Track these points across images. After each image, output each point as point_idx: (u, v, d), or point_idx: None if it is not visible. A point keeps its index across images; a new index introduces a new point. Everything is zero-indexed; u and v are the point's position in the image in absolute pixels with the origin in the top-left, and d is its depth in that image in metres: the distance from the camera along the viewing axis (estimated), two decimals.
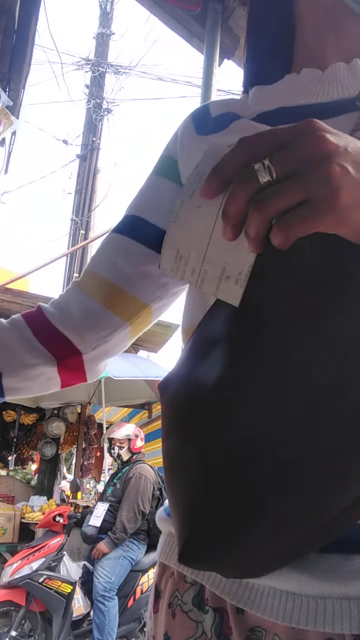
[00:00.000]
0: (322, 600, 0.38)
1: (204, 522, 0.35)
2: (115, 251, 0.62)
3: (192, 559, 0.36)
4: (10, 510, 4.62)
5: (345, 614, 0.37)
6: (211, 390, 0.38)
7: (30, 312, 0.63)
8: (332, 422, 0.33)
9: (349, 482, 0.33)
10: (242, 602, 0.42)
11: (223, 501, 0.35)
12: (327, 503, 0.33)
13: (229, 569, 0.38)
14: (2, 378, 0.59)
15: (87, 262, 0.97)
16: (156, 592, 0.52)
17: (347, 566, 0.38)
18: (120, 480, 3.45)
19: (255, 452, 0.35)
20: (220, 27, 2.43)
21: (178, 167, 0.60)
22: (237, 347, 0.39)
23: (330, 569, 0.38)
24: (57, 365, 0.61)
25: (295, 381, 0.35)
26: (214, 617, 0.45)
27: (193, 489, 0.36)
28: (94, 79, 8.26)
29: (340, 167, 0.31)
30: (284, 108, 0.54)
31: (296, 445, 0.33)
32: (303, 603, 0.39)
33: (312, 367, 0.34)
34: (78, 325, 0.61)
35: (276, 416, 0.35)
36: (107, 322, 0.61)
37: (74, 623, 3.11)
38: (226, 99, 0.61)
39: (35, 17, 3.04)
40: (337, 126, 0.48)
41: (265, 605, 0.40)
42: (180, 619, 0.47)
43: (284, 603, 0.39)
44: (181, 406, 0.41)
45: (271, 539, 0.34)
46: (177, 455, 0.40)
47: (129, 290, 0.61)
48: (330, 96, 0.52)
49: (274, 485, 0.34)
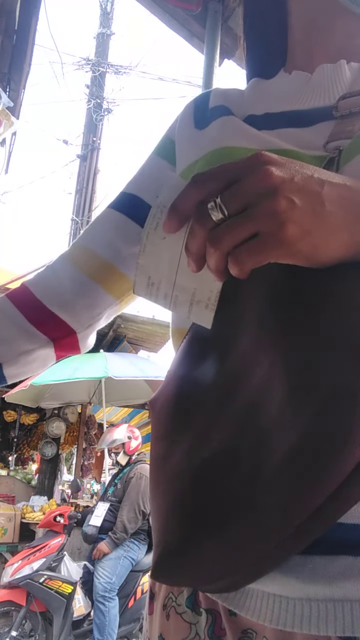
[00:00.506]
0: (308, 602, 0.38)
1: (175, 540, 0.36)
2: (112, 228, 0.61)
3: (163, 577, 0.38)
4: (11, 510, 4.62)
5: (331, 616, 0.37)
6: (193, 406, 0.40)
7: (15, 291, 0.62)
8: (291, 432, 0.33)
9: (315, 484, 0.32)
10: (232, 604, 0.42)
11: (192, 520, 0.35)
12: (294, 512, 0.32)
13: (204, 585, 0.39)
14: (3, 368, 0.59)
15: None
16: (151, 594, 0.53)
17: (331, 567, 0.38)
18: (121, 481, 3.45)
19: (224, 469, 0.35)
20: (220, 27, 2.43)
21: (175, 150, 0.61)
22: (218, 362, 0.40)
23: (315, 570, 0.38)
24: (54, 346, 0.61)
25: (252, 402, 0.36)
26: (207, 618, 0.46)
27: (169, 506, 0.37)
28: (94, 78, 8.26)
29: (286, 199, 0.32)
30: (269, 114, 0.55)
31: (260, 458, 0.34)
32: (289, 605, 0.39)
33: (272, 383, 0.35)
34: (71, 304, 0.60)
35: (241, 431, 0.35)
36: (100, 300, 0.61)
37: (74, 623, 3.11)
38: (228, 88, 0.61)
39: (36, 17, 3.04)
40: (314, 135, 0.49)
41: (254, 608, 0.40)
42: (175, 620, 0.47)
43: (271, 605, 0.39)
44: (165, 420, 0.42)
45: (240, 554, 0.34)
46: (159, 469, 0.41)
47: (122, 268, 0.61)
48: (313, 102, 0.53)
49: (241, 499, 0.34)
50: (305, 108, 0.53)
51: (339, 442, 0.31)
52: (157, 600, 0.51)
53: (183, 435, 0.40)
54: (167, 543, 0.36)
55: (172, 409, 0.42)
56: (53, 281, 0.62)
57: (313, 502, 0.31)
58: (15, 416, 5.86)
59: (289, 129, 0.51)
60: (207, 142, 0.54)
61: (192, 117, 0.60)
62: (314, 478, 0.31)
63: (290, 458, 0.32)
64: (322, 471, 0.31)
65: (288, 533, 0.32)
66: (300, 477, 0.31)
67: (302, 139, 0.49)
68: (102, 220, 0.63)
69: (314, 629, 0.37)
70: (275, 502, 0.32)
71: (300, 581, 0.38)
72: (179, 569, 0.36)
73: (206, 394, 0.40)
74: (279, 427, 0.33)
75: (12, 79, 3.38)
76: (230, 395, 0.38)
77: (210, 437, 0.37)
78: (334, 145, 0.46)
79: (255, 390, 0.36)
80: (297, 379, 0.34)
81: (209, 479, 0.36)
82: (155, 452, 0.42)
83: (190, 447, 0.38)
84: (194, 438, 0.38)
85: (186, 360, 0.44)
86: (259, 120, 0.54)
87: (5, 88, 3.30)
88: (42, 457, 5.46)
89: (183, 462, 0.38)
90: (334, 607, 0.37)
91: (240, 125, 0.54)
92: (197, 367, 0.42)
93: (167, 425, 0.42)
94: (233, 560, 0.34)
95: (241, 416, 0.36)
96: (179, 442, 0.39)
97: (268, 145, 0.49)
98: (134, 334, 5.60)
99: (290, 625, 0.38)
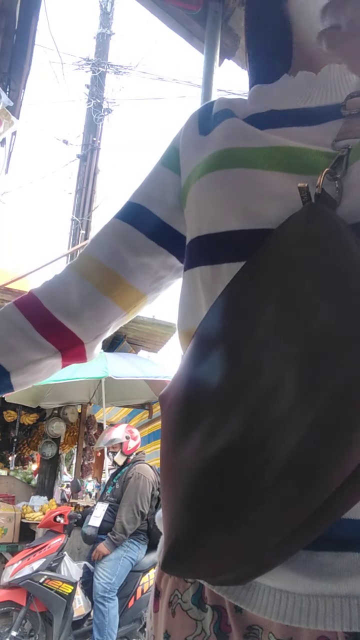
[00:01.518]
0: (315, 598, 0.38)
1: (186, 532, 0.36)
2: (119, 239, 0.61)
3: (173, 568, 0.38)
4: (11, 510, 4.62)
5: (337, 612, 0.37)
6: (203, 400, 0.40)
7: (23, 300, 0.62)
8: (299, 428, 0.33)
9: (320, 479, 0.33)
10: (238, 600, 0.42)
11: (203, 511, 0.36)
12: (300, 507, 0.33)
13: (212, 577, 0.39)
14: (11, 377, 0.60)
15: None
16: (156, 591, 0.52)
17: (337, 563, 0.38)
18: (120, 481, 3.44)
19: (235, 461, 0.35)
20: (221, 27, 2.43)
21: (179, 159, 0.60)
22: (228, 358, 0.40)
23: (322, 566, 0.39)
24: (62, 356, 0.62)
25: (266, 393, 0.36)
26: (213, 615, 0.46)
27: (179, 498, 0.37)
28: (94, 78, 8.25)
29: None
30: (273, 111, 0.54)
31: (270, 452, 0.34)
32: (296, 601, 0.39)
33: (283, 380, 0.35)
34: (79, 315, 0.61)
35: (252, 425, 0.36)
36: (108, 311, 0.61)
37: (74, 623, 3.11)
38: (233, 98, 0.61)
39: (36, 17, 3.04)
40: (322, 134, 0.48)
41: (260, 603, 0.41)
42: (180, 617, 0.47)
43: (278, 601, 0.40)
44: (176, 414, 0.42)
45: (249, 547, 0.34)
46: (169, 462, 0.41)
47: (129, 279, 0.61)
48: (320, 101, 0.53)
49: (250, 492, 0.34)
50: (312, 106, 0.53)
51: (347, 436, 0.31)
52: (162, 597, 0.51)
53: (193, 430, 0.40)
54: (177, 535, 0.36)
55: (183, 404, 0.42)
56: (61, 291, 0.62)
57: (321, 496, 0.31)
58: (15, 416, 5.86)
59: (295, 127, 0.51)
60: (210, 145, 0.54)
61: (196, 125, 0.60)
62: (323, 471, 0.31)
63: (299, 452, 0.32)
64: (330, 464, 0.31)
65: (296, 526, 0.32)
66: (309, 471, 0.32)
67: (310, 137, 0.49)
68: (108, 231, 0.63)
69: (321, 625, 0.38)
70: (283, 495, 0.33)
71: (308, 577, 0.39)
72: (188, 561, 0.37)
73: (216, 390, 0.40)
74: (289, 422, 0.34)
75: (12, 79, 3.38)
76: (241, 390, 0.38)
77: (220, 431, 0.37)
78: (342, 144, 0.46)
79: (265, 386, 0.36)
80: (306, 376, 0.34)
81: (219, 472, 0.36)
82: (165, 445, 0.43)
83: (200, 441, 0.38)
84: (204, 432, 0.38)
85: (196, 357, 0.44)
86: (263, 118, 0.54)
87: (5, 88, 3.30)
88: (42, 457, 5.46)
89: (193, 456, 0.38)
90: (341, 603, 0.38)
91: (243, 126, 0.53)
92: (207, 363, 0.42)
93: (177, 419, 0.42)
94: (242, 553, 0.35)
95: (251, 411, 0.36)
96: (189, 436, 0.40)
97: (272, 144, 0.49)
98: (134, 334, 5.60)
99: (297, 620, 0.39)
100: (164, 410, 0.45)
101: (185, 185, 0.57)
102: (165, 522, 0.38)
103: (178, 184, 0.59)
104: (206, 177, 0.51)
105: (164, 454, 0.43)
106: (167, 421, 0.44)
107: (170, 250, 0.61)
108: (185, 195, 0.57)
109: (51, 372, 0.64)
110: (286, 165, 0.47)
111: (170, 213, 0.60)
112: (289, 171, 0.47)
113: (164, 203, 0.60)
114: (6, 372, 0.59)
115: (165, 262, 0.61)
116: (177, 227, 0.60)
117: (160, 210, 0.60)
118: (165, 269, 0.62)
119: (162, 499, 0.41)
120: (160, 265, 0.61)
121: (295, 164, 0.47)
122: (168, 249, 0.60)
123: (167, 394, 0.46)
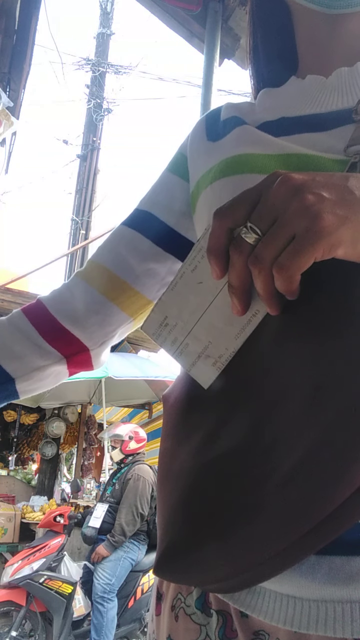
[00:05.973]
0: (323, 604, 0.37)
1: (179, 537, 0.35)
2: (125, 245, 0.61)
3: (164, 573, 0.37)
4: (11, 510, 4.62)
5: (347, 618, 0.36)
6: (205, 402, 0.39)
7: (30, 307, 0.62)
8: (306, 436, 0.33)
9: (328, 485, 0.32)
10: (244, 605, 0.41)
11: (198, 518, 0.35)
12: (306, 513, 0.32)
13: (207, 584, 0.38)
14: (16, 383, 0.59)
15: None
16: (158, 594, 0.52)
17: (347, 568, 0.37)
18: (119, 481, 3.44)
19: (235, 468, 0.35)
20: (220, 27, 2.43)
21: (188, 165, 0.60)
22: (232, 360, 0.39)
23: (331, 571, 0.38)
24: (67, 363, 0.62)
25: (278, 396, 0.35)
26: (218, 620, 0.45)
27: (175, 502, 0.37)
28: (94, 78, 8.25)
29: (313, 194, 0.31)
30: (284, 118, 0.53)
31: (274, 460, 0.33)
32: (304, 607, 0.38)
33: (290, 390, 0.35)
34: (84, 321, 0.60)
35: (255, 433, 0.35)
36: (113, 317, 0.61)
37: (74, 623, 3.11)
38: (240, 102, 0.61)
39: (36, 17, 3.04)
40: (334, 139, 0.48)
41: (267, 609, 0.40)
42: (184, 622, 0.47)
43: (285, 607, 0.39)
44: (177, 414, 0.42)
45: (248, 555, 0.33)
46: (167, 464, 0.41)
47: (135, 286, 0.60)
48: (331, 106, 0.52)
49: (251, 500, 0.33)
50: (323, 111, 0.52)
51: (355, 446, 0.30)
52: (165, 601, 0.50)
53: (193, 433, 0.39)
54: (171, 540, 0.36)
55: (185, 406, 0.42)
56: (67, 298, 0.62)
57: (325, 509, 0.30)
58: (15, 416, 5.85)
59: (307, 134, 0.50)
60: (221, 152, 0.53)
61: (204, 131, 0.59)
62: (330, 482, 0.30)
63: (306, 463, 0.32)
64: (337, 476, 0.30)
65: (297, 538, 0.31)
66: (316, 482, 0.31)
67: (322, 143, 0.48)
68: (115, 237, 0.62)
69: (330, 631, 0.37)
70: (287, 504, 0.32)
71: (316, 582, 0.38)
72: (183, 567, 0.36)
73: (219, 394, 0.39)
74: (295, 430, 0.33)
75: (12, 79, 3.38)
76: (245, 395, 0.37)
77: (220, 436, 0.37)
78: (355, 150, 0.45)
79: (271, 392, 0.35)
80: (315, 384, 0.33)
81: (218, 477, 0.35)
82: (164, 447, 0.42)
83: (200, 445, 0.38)
84: (204, 436, 0.38)
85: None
86: (274, 126, 0.53)
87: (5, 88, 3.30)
88: (42, 457, 5.46)
89: (192, 459, 0.38)
90: (351, 609, 0.37)
91: (255, 133, 0.52)
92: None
93: (178, 421, 0.42)
94: (240, 561, 0.34)
95: (255, 418, 0.35)
96: (189, 438, 0.39)
97: (286, 150, 0.48)
98: (134, 334, 5.60)
99: (305, 627, 0.38)
100: (166, 409, 0.45)
101: (194, 192, 0.57)
102: (160, 525, 0.38)
103: (186, 190, 0.59)
104: (218, 182, 0.51)
105: (163, 454, 0.42)
106: (168, 421, 0.44)
107: (177, 256, 0.60)
108: (194, 201, 0.56)
109: (57, 380, 0.63)
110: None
111: (178, 219, 0.60)
112: None
113: (171, 210, 0.60)
114: (11, 379, 0.59)
115: (172, 268, 0.61)
116: (184, 233, 0.60)
117: (168, 217, 0.60)
118: (172, 275, 0.61)
119: (157, 501, 0.41)
120: (168, 271, 0.61)
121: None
122: (175, 254, 0.60)
123: (170, 394, 0.45)
